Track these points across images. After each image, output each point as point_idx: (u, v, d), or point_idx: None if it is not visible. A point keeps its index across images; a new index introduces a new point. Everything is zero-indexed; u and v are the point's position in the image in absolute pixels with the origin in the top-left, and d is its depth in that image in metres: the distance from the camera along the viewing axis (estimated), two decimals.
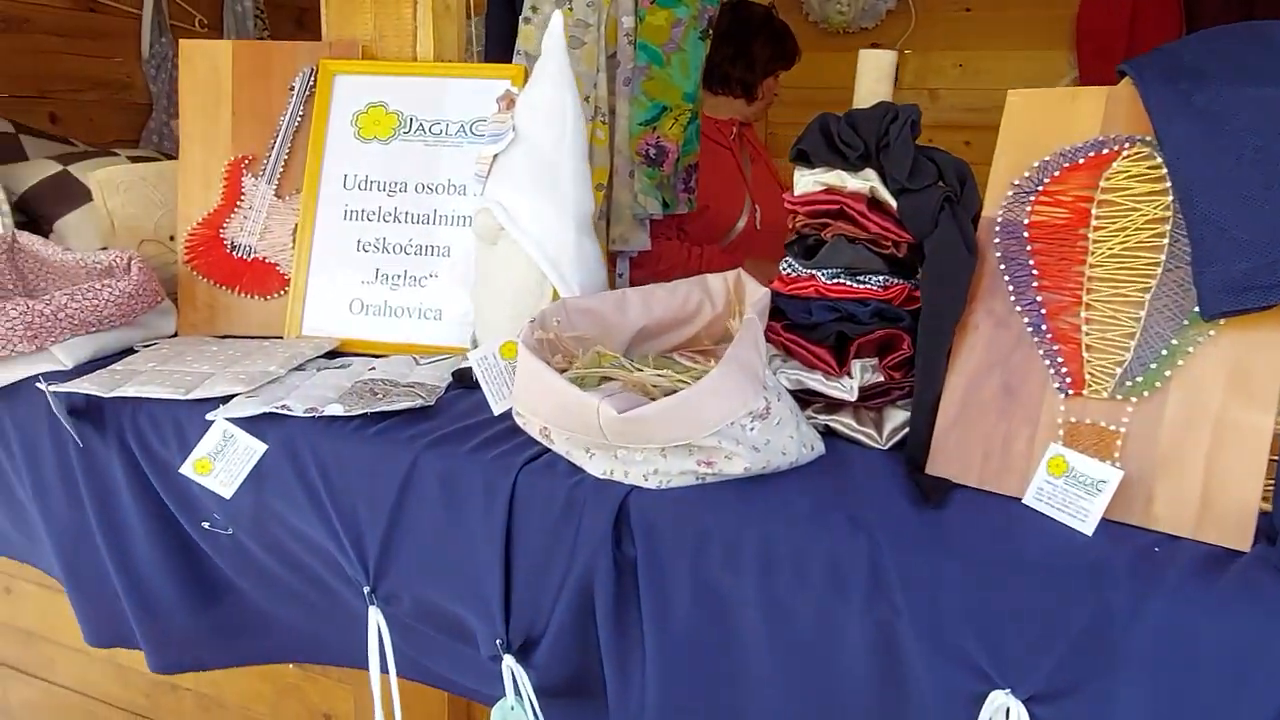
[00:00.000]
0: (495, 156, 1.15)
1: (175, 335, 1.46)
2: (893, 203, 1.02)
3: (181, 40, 1.48)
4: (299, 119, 1.47)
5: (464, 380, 1.24)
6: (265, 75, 1.48)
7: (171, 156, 2.10)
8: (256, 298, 1.48)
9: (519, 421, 1.03)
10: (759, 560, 0.87)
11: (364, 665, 1.08)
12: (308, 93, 1.47)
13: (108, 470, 1.22)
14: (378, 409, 1.08)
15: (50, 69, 2.46)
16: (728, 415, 0.88)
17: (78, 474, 1.23)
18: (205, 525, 1.17)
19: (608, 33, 2.35)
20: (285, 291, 1.47)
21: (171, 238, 1.53)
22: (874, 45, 3.90)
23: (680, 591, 0.91)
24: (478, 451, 1.01)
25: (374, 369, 1.27)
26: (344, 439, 1.07)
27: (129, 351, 1.36)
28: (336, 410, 1.08)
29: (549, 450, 1.00)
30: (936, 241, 0.97)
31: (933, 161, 1.00)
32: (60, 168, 1.75)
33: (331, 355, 1.35)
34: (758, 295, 1.07)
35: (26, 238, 1.45)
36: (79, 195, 1.71)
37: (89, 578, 1.28)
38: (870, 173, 1.03)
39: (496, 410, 1.03)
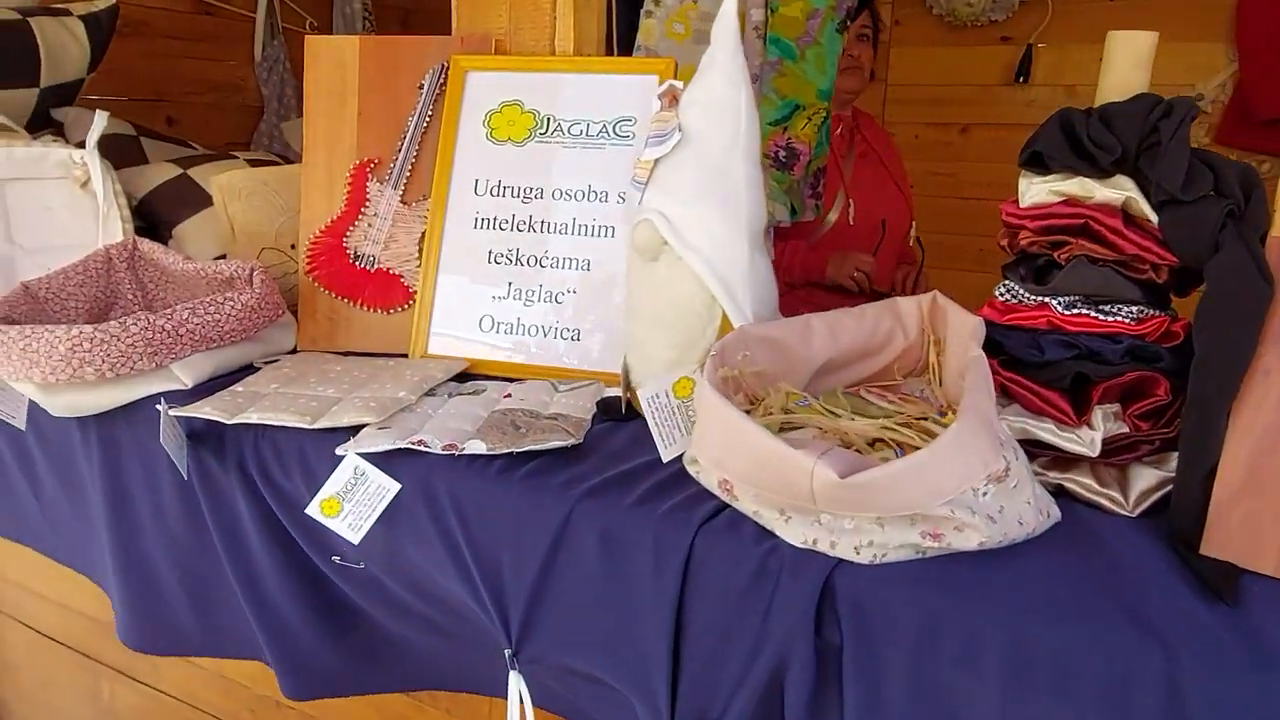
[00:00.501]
0: (656, 161, 1.01)
1: (294, 350, 1.37)
2: (1151, 217, 0.83)
3: (307, 37, 1.39)
4: (428, 119, 1.36)
5: (611, 412, 1.10)
6: (393, 73, 1.37)
7: (286, 159, 2.04)
8: (379, 311, 1.38)
9: (691, 469, 0.88)
10: (1007, 662, 0.70)
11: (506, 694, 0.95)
12: (437, 91, 1.36)
13: (229, 497, 1.13)
14: (524, 448, 0.94)
15: (167, 72, 2.45)
16: (966, 480, 0.71)
17: (199, 499, 1.15)
18: (335, 560, 1.07)
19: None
20: (409, 305, 1.37)
21: (293, 246, 1.44)
22: (1004, 39, 3.64)
23: (896, 689, 0.74)
24: (644, 504, 0.87)
25: (510, 396, 1.15)
26: (486, 482, 0.94)
27: (248, 368, 1.27)
28: (478, 448, 0.95)
29: (729, 506, 0.85)
30: (1220, 266, 0.78)
31: (1209, 167, 0.81)
32: (180, 171, 1.69)
33: (462, 378, 1.23)
34: (969, 325, 0.90)
35: (147, 245, 1.38)
36: (199, 200, 1.64)
37: (216, 602, 1.20)
38: (1124, 180, 0.84)
39: (667, 456, 0.89)
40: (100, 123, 1.49)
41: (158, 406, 1.08)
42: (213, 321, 1.18)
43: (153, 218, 1.65)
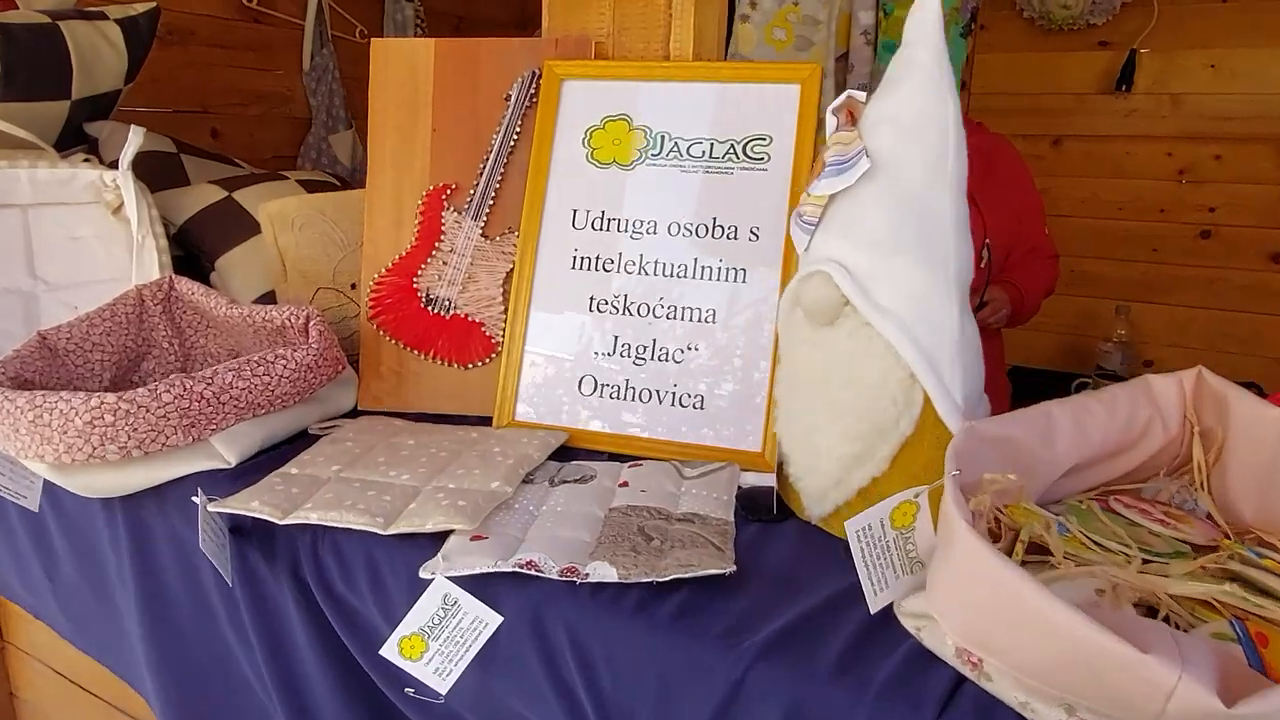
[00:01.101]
0: (832, 197, 0.77)
1: (355, 411, 1.16)
2: None
3: (373, 39, 1.18)
4: (515, 137, 1.14)
5: (757, 509, 0.87)
6: (473, 81, 1.15)
7: (338, 178, 1.83)
8: (455, 365, 1.16)
9: (909, 622, 0.64)
10: None
11: None
12: (527, 104, 1.14)
13: (279, 607, 0.91)
14: (667, 576, 0.71)
15: (212, 82, 2.28)
16: None
17: (241, 605, 0.93)
18: (409, 692, 0.84)
19: (839, 30, 1.97)
20: (492, 359, 1.14)
21: (353, 285, 1.23)
22: (1102, 44, 3.36)
23: None
24: (847, 670, 0.63)
25: (627, 485, 0.92)
26: (618, 619, 0.71)
27: (300, 436, 1.06)
28: (606, 574, 0.72)
29: (966, 680, 0.61)
30: None
31: None
32: (224, 194, 1.49)
33: (562, 454, 1.01)
34: (1255, 412, 0.65)
35: (186, 285, 1.17)
36: (245, 227, 1.44)
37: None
38: None
39: (876, 606, 0.65)
40: (136, 140, 1.29)
41: (195, 500, 0.86)
42: (262, 385, 0.97)
43: (194, 247, 1.45)
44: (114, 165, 1.28)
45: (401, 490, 0.88)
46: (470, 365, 1.15)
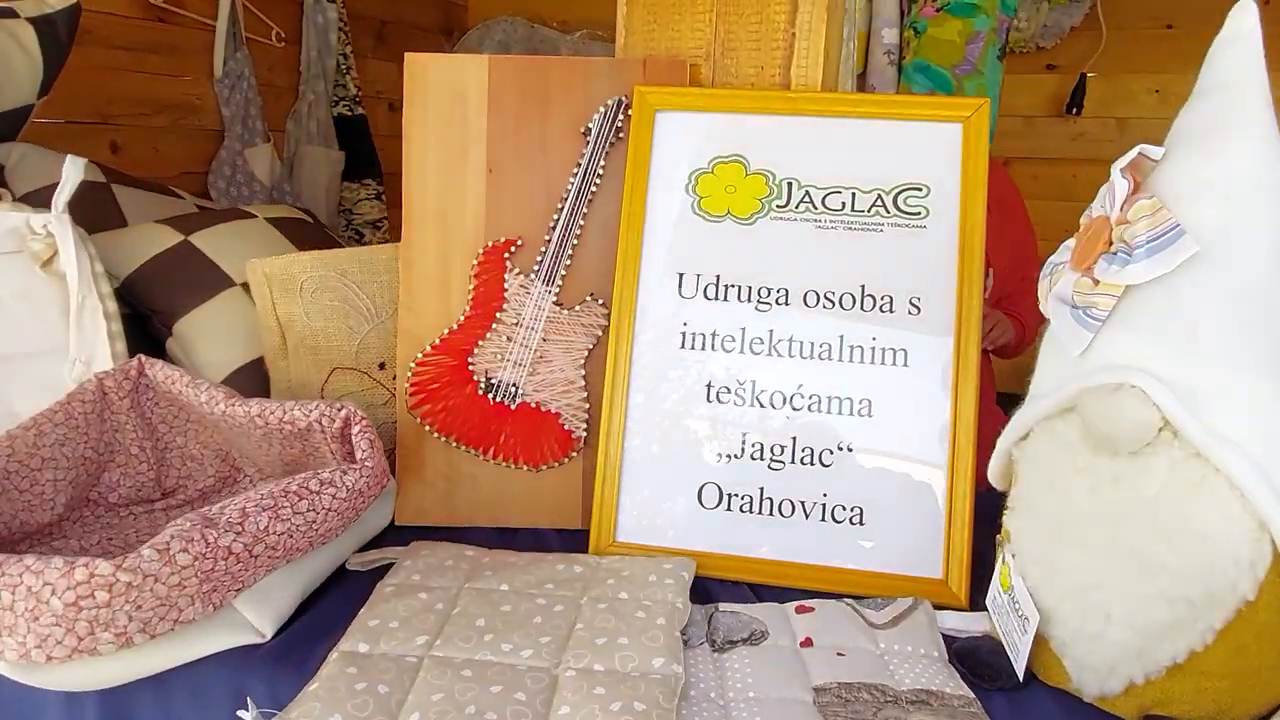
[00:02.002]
0: (1129, 287, 0.59)
1: (392, 525, 0.91)
2: None
3: (407, 55, 0.93)
4: (597, 182, 0.92)
5: (984, 671, 0.68)
6: (541, 109, 0.92)
7: (310, 214, 1.54)
8: (523, 467, 0.92)
9: None
10: None
11: None
12: (611, 139, 0.92)
13: None
14: None
15: (111, 89, 1.93)
16: None
17: None
18: None
19: (858, 47, 1.81)
20: (571, 457, 0.92)
21: (382, 365, 0.97)
22: (1050, 67, 3.37)
23: None
24: None
25: (810, 643, 0.71)
26: None
27: (339, 576, 0.81)
28: None
29: None
30: None
31: None
32: (179, 237, 1.19)
33: (697, 593, 0.79)
34: None
35: (162, 371, 0.89)
36: (211, 280, 1.15)
37: None
38: None
39: (1021, 670, 0.46)
40: (74, 174, 1.01)
41: (242, 714, 0.60)
42: (305, 526, 0.71)
43: (143, 306, 1.15)
44: (28, 201, 0.98)
45: (533, 677, 0.64)
46: (543, 466, 0.92)
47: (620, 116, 0.91)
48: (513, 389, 0.91)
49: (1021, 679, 0.67)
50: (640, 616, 0.71)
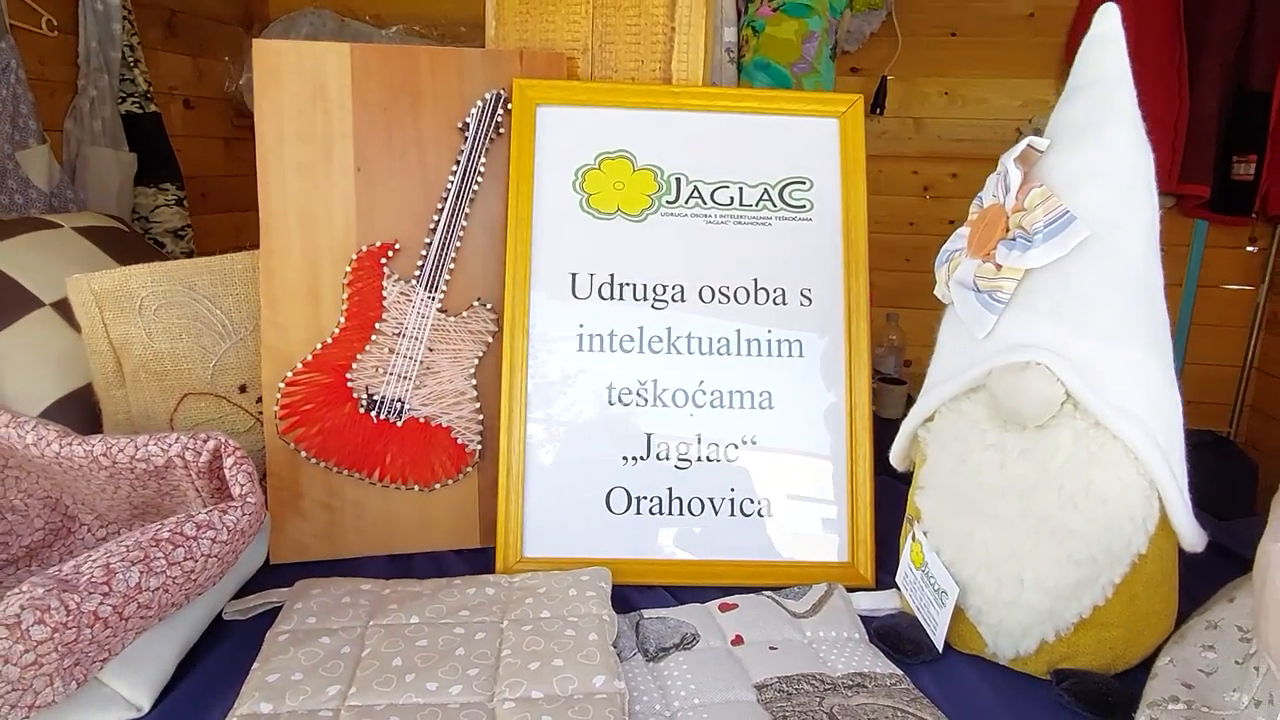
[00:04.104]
0: (1028, 270, 0.63)
1: (267, 564, 0.82)
2: None
3: (255, 40, 0.83)
4: (479, 180, 0.87)
5: (905, 646, 0.70)
6: (412, 103, 0.86)
7: (126, 223, 1.37)
8: (413, 487, 0.86)
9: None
10: None
11: None
12: (490, 135, 0.87)
13: None
14: None
15: None
16: None
17: None
18: None
19: None
20: (465, 473, 0.86)
21: (243, 388, 0.87)
22: (853, 70, 3.60)
23: None
24: None
25: (741, 640, 0.71)
26: None
27: (215, 628, 0.71)
28: None
29: None
30: None
31: None
32: None
33: (617, 602, 0.76)
34: None
35: None
36: (13, 301, 0.99)
37: None
38: None
39: (940, 643, 0.51)
40: None
41: None
42: (182, 578, 0.62)
43: None
44: None
45: (469, 715, 0.59)
46: (435, 485, 0.86)
47: (498, 111, 0.87)
48: (398, 404, 0.85)
49: (941, 650, 0.70)
50: (570, 635, 0.68)
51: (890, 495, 0.84)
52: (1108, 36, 0.65)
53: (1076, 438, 0.62)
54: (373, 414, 0.84)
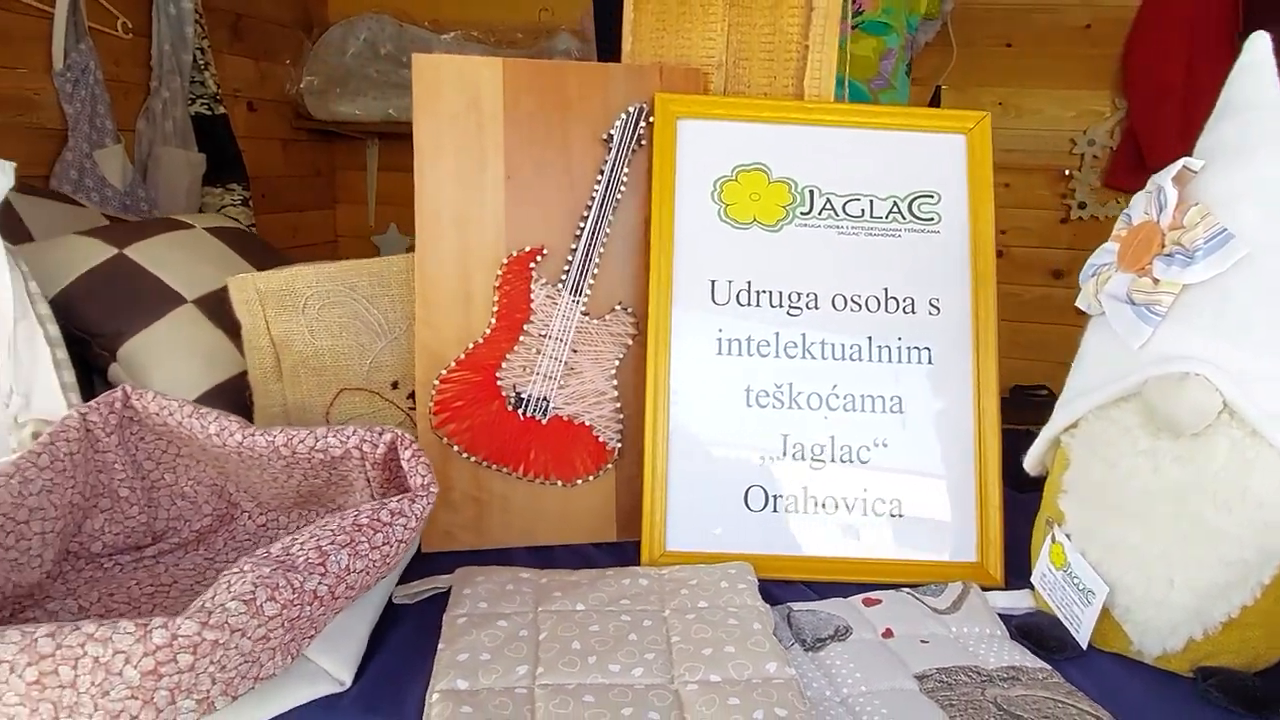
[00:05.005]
0: (1185, 285, 0.66)
1: (419, 553, 0.86)
2: None
3: (415, 55, 0.88)
4: (622, 189, 0.91)
5: (1049, 643, 0.73)
6: (561, 115, 0.90)
7: (234, 222, 1.43)
8: (555, 483, 0.90)
9: None
10: None
11: None
12: (633, 146, 0.91)
13: None
14: None
15: None
16: None
17: None
18: None
19: None
20: (604, 470, 0.90)
21: (395, 384, 0.91)
22: (908, 79, 3.62)
23: None
24: None
25: (891, 634, 0.74)
26: None
27: (386, 613, 0.76)
28: None
29: None
30: None
31: None
32: (113, 250, 1.07)
33: (761, 595, 0.79)
34: None
35: (155, 402, 0.80)
36: (156, 299, 1.04)
37: None
38: None
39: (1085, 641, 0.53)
40: (3, 182, 0.89)
41: None
42: (380, 561, 0.66)
43: (78, 329, 1.03)
44: None
45: (657, 695, 0.63)
46: (577, 481, 0.90)
47: (641, 124, 0.91)
48: (543, 403, 0.89)
49: (1085, 648, 0.73)
50: (733, 624, 0.71)
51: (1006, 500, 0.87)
52: (1259, 64, 0.68)
53: (1233, 445, 0.65)
54: (519, 411, 0.88)
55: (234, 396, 0.99)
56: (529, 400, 0.88)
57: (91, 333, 1.03)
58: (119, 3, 2.24)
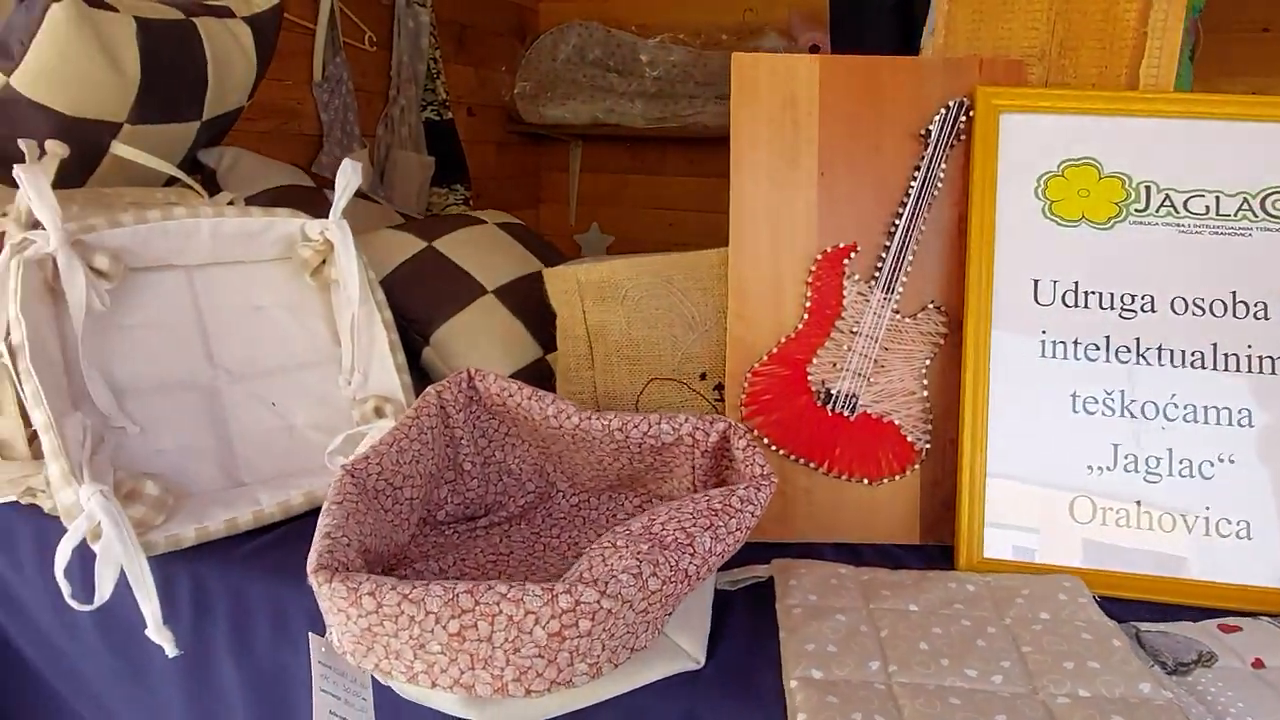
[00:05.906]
0: None
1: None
2: None
3: (734, 54, 0.90)
4: (939, 186, 0.89)
5: None
6: (875, 111, 0.89)
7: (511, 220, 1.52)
8: (859, 480, 0.89)
9: None
10: None
11: None
12: (951, 142, 0.89)
13: None
14: None
15: None
16: None
17: None
18: None
19: None
20: (910, 471, 0.88)
21: (703, 376, 0.94)
22: None
23: None
24: None
25: (1263, 666, 0.68)
26: None
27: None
28: None
29: None
30: None
31: None
32: (423, 243, 1.17)
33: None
34: None
35: (497, 384, 0.86)
36: (463, 288, 1.12)
37: None
38: None
39: None
40: (353, 175, 0.98)
41: None
42: (731, 545, 0.68)
43: (396, 315, 1.12)
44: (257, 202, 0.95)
45: (1028, 705, 0.61)
46: (881, 480, 0.89)
47: (960, 118, 0.88)
48: (852, 399, 0.88)
49: None
50: (1087, 638, 0.68)
51: None
52: None
53: None
54: (827, 407, 0.88)
55: (529, 382, 1.05)
56: (838, 396, 0.88)
57: (408, 319, 1.12)
58: (367, 18, 2.44)
